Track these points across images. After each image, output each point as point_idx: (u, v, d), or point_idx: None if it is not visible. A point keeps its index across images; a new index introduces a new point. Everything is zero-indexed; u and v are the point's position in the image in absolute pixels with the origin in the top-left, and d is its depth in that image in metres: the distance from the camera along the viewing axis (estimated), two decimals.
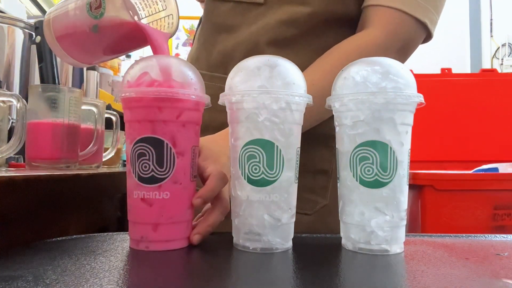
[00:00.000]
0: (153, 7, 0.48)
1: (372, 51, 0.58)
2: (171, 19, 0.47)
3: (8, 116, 0.68)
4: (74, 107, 0.69)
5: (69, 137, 0.69)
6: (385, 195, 0.41)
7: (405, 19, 0.60)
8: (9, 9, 1.23)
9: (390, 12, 0.60)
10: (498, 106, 2.09)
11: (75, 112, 0.70)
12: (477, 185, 1.34)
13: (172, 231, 0.42)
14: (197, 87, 0.42)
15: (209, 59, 0.69)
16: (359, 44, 0.60)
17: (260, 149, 0.40)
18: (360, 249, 0.41)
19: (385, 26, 0.61)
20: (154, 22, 0.48)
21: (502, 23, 3.31)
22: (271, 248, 0.41)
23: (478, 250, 0.44)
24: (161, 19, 0.48)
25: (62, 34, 0.46)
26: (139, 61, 0.42)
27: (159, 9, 0.48)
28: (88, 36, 0.44)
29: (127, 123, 0.42)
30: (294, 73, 0.42)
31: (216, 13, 0.68)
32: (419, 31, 0.62)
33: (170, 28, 0.47)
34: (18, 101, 0.62)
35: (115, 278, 0.32)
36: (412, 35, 0.62)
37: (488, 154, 1.98)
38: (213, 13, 0.69)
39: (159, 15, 0.48)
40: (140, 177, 0.41)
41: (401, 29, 0.61)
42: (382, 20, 0.61)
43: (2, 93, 0.62)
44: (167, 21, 0.48)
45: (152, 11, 0.48)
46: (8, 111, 0.68)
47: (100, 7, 0.42)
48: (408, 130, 0.42)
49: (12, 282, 0.30)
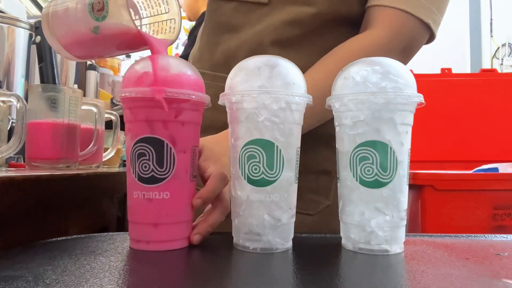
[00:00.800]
0: (155, 8, 0.47)
1: (376, 52, 0.58)
2: (173, 23, 0.47)
3: (8, 116, 0.68)
4: (74, 107, 0.69)
5: (69, 137, 0.69)
6: (385, 195, 0.41)
7: (408, 20, 0.60)
8: (9, 9, 1.23)
9: (393, 12, 0.60)
10: (498, 106, 2.09)
11: (75, 112, 0.70)
12: (477, 185, 1.34)
13: (172, 231, 0.42)
14: (197, 87, 0.42)
15: (212, 59, 0.69)
16: (363, 45, 0.60)
17: (260, 149, 0.40)
18: (360, 249, 0.41)
19: (389, 27, 0.61)
20: (156, 24, 0.48)
21: (502, 23, 3.31)
22: (271, 248, 0.41)
23: (478, 250, 0.44)
24: (163, 22, 0.47)
25: (60, 30, 0.46)
26: (139, 61, 0.42)
27: (161, 11, 0.47)
28: (88, 35, 0.44)
29: (127, 123, 0.42)
30: (294, 73, 0.42)
31: (219, 13, 0.68)
32: (422, 32, 0.62)
33: (172, 34, 0.47)
34: (18, 101, 0.62)
35: (115, 278, 0.32)
36: (416, 35, 0.62)
37: (488, 154, 1.98)
38: (216, 12, 0.69)
39: (161, 17, 0.48)
40: (140, 177, 0.41)
41: (405, 29, 0.61)
42: (385, 21, 0.61)
43: (2, 93, 0.62)
44: (169, 25, 0.47)
45: (154, 12, 0.48)
46: (8, 111, 0.68)
47: (103, 10, 0.42)
48: (408, 130, 0.42)
49: (12, 282, 0.30)
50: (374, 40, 0.60)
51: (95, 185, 0.70)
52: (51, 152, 0.65)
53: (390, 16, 0.61)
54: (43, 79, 0.80)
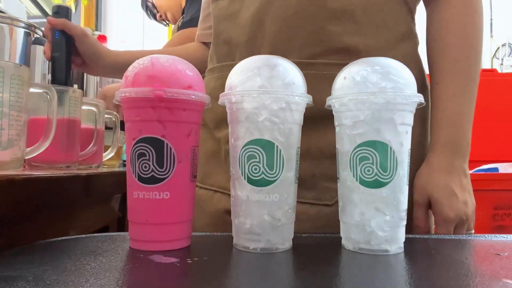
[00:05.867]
0: None
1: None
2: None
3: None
4: (74, 107, 0.69)
5: (69, 137, 0.69)
6: (385, 195, 0.41)
7: None
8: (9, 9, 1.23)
9: None
10: (498, 106, 2.09)
11: (75, 112, 0.70)
12: (477, 185, 1.33)
13: (172, 231, 0.42)
14: (197, 87, 0.42)
15: (217, 51, 0.68)
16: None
17: (260, 149, 0.40)
18: (360, 249, 0.41)
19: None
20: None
21: (502, 23, 3.31)
22: (271, 248, 0.41)
23: (478, 250, 0.44)
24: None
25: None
26: (138, 61, 0.42)
27: None
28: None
29: (127, 123, 0.42)
30: (294, 73, 0.42)
31: (217, 8, 0.68)
32: None
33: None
34: (47, 93, 0.60)
35: (115, 278, 0.32)
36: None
37: (488, 154, 1.98)
38: (215, 9, 0.68)
39: None
40: (140, 177, 0.41)
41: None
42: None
43: (34, 84, 0.60)
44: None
45: None
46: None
47: None
48: (408, 130, 0.42)
49: (12, 282, 0.30)
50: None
51: (95, 185, 0.70)
52: (51, 152, 0.65)
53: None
54: (55, 75, 0.77)
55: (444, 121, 0.59)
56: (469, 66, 0.59)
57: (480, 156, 1.97)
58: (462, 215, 0.56)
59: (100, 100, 0.81)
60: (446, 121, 0.59)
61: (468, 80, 0.59)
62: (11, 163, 0.54)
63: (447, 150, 0.58)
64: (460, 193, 0.57)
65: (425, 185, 0.58)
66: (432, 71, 0.62)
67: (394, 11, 0.60)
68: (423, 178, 0.58)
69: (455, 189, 0.56)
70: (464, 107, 0.59)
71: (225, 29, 0.65)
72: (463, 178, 0.58)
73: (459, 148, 0.59)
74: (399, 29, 0.61)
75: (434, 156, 0.59)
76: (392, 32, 0.60)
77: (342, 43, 0.57)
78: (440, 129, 0.59)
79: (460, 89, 0.59)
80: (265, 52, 0.59)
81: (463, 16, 0.60)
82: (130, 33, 3.26)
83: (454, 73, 0.59)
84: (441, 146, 0.58)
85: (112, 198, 0.85)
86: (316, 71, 0.57)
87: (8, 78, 0.52)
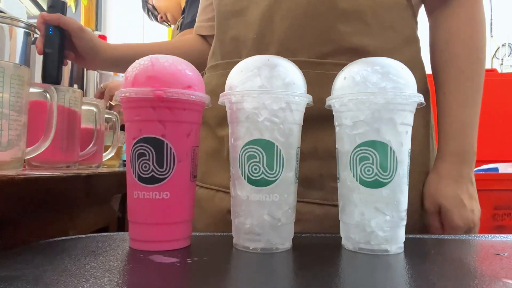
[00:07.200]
0: None
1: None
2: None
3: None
4: (74, 107, 0.69)
5: (69, 137, 0.69)
6: (385, 195, 0.41)
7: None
8: (9, 9, 1.24)
9: None
10: (498, 106, 2.09)
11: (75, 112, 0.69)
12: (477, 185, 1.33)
13: (172, 231, 0.42)
14: (197, 87, 0.42)
15: (223, 48, 0.67)
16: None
17: (260, 149, 0.40)
18: (360, 249, 0.41)
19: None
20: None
21: (502, 23, 3.30)
22: (271, 248, 0.41)
23: (478, 250, 0.44)
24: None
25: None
26: (138, 61, 0.42)
27: None
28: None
29: (127, 123, 0.42)
30: (294, 73, 0.42)
31: (223, 4, 0.66)
32: None
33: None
34: (49, 93, 0.60)
35: (115, 278, 0.32)
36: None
37: (488, 154, 1.97)
38: (220, 4, 0.67)
39: None
40: (140, 177, 0.41)
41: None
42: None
43: (34, 84, 0.59)
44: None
45: None
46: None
47: None
48: (408, 130, 0.42)
49: (12, 282, 0.30)
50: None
51: (95, 185, 0.70)
52: (51, 152, 0.65)
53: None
54: (46, 71, 0.75)
55: (453, 130, 0.60)
56: (475, 77, 0.61)
57: (480, 156, 1.96)
58: (470, 223, 0.58)
59: (100, 100, 0.81)
60: (454, 131, 0.60)
61: (475, 90, 0.61)
62: (11, 163, 0.54)
63: (456, 159, 0.60)
64: (468, 202, 0.59)
65: (435, 194, 0.59)
66: (438, 80, 0.63)
67: (400, 14, 0.61)
68: (432, 187, 0.60)
69: (463, 198, 0.58)
70: (471, 117, 0.60)
71: (233, 26, 0.64)
72: (470, 187, 0.60)
73: (466, 157, 0.60)
74: (405, 32, 0.61)
75: (442, 165, 0.60)
76: (399, 35, 0.60)
77: (352, 43, 0.57)
78: (448, 139, 0.61)
79: (467, 100, 0.61)
80: (273, 50, 0.59)
81: (469, 28, 0.61)
82: (130, 33, 3.26)
83: (462, 83, 0.61)
84: (449, 156, 0.60)
85: (112, 198, 0.85)
86: (326, 70, 0.57)
87: (8, 78, 0.52)
